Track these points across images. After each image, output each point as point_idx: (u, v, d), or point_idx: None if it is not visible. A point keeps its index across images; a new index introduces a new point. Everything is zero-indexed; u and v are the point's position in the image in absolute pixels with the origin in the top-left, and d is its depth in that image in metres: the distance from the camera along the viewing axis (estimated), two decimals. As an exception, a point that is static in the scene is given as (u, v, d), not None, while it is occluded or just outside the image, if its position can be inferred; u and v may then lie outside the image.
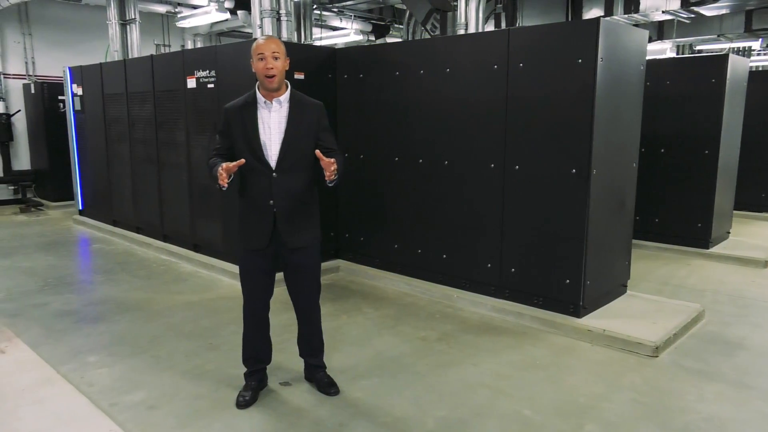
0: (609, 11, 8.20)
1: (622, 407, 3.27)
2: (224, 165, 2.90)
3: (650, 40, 5.39)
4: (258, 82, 3.08)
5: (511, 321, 4.57)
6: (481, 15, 7.32)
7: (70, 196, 9.13)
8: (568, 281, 4.36)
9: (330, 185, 3.05)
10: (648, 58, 4.82)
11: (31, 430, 2.86)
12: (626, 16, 7.99)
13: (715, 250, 6.55)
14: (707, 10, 8.44)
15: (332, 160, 2.94)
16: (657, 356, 3.91)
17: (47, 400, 3.16)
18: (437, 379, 3.59)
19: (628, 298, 4.85)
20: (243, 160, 2.95)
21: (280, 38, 3.73)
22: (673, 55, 11.98)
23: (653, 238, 6.86)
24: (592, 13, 8.51)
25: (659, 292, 5.21)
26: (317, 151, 2.95)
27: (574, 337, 4.22)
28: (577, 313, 4.35)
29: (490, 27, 9.88)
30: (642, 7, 7.77)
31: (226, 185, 2.92)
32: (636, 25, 7.32)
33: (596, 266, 4.41)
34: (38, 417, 2.99)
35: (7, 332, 4.05)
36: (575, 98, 4.17)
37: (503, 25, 9.87)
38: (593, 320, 4.31)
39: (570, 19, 9.85)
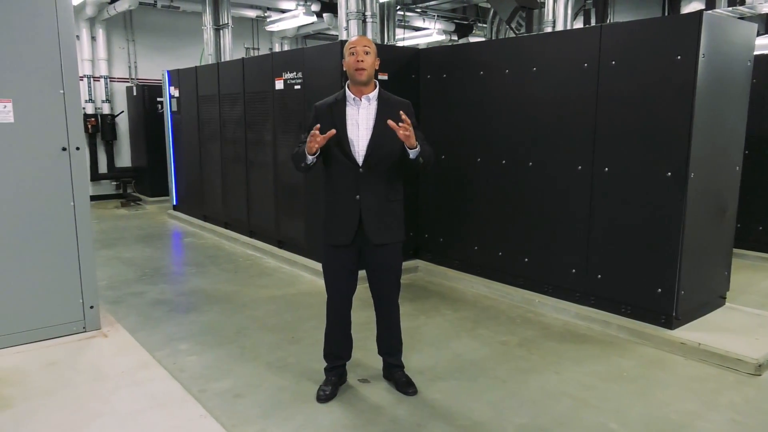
0: (711, 5, 7.69)
1: (718, 427, 3.05)
2: (315, 131, 2.88)
3: (758, 34, 4.98)
4: (348, 81, 3.14)
5: (597, 329, 4.38)
6: (569, 11, 7.08)
7: (166, 192, 9.71)
8: (660, 290, 4.13)
9: (413, 160, 2.97)
10: (756, 53, 4.47)
11: (130, 410, 3.06)
12: (731, 9, 7.46)
13: (828, 262, 6.00)
14: (824, 0, 7.71)
15: (404, 125, 2.83)
16: (759, 375, 3.62)
17: (144, 383, 3.37)
18: (517, 386, 3.51)
19: (726, 310, 4.53)
20: (334, 131, 2.92)
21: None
22: (783, 49, 11.04)
23: (756, 247, 6.36)
24: (691, 6, 8.02)
25: (762, 306, 4.81)
26: (389, 121, 2.86)
27: (666, 349, 3.99)
28: (670, 324, 4.11)
29: (578, 24, 9.55)
30: (748, -2, 7.23)
31: (315, 148, 2.90)
32: (741, 18, 6.81)
33: (692, 275, 4.15)
34: (136, 398, 3.19)
35: (110, 317, 4.36)
36: (673, 97, 3.95)
37: (593, 22, 9.50)
38: (687, 333, 4.06)
39: (667, 14, 9.34)
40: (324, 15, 10.31)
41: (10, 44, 3.61)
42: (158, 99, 10.14)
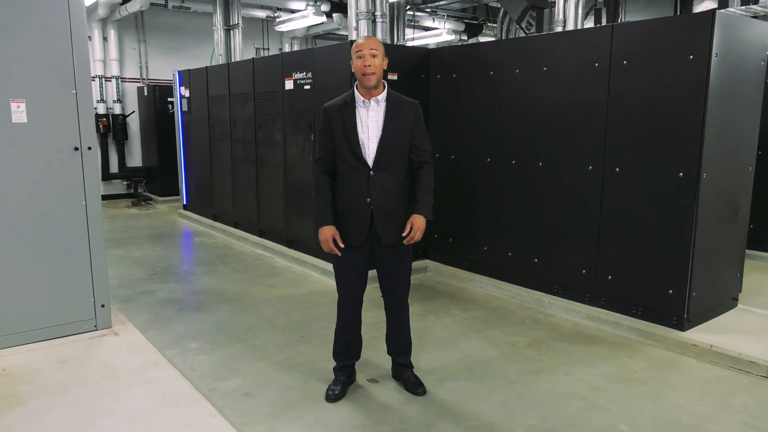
0: (724, 3, 7.61)
1: (730, 430, 3.02)
2: (329, 236, 3.17)
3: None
4: (356, 82, 3.13)
5: (607, 330, 4.36)
6: (580, 11, 7.04)
7: (176, 192, 9.77)
8: (671, 291, 4.10)
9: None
10: (769, 52, 4.43)
11: (140, 409, 3.08)
12: (744, 7, 7.38)
13: (843, 264, 5.93)
14: (840, -2, 7.60)
15: (410, 238, 3.10)
16: (773, 377, 3.59)
17: (154, 382, 3.39)
18: (527, 387, 3.49)
19: (739, 312, 4.49)
20: (340, 252, 3.17)
21: (375, 39, 3.77)
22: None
23: (770, 248, 6.30)
24: (703, 5, 7.94)
25: (776, 308, 4.77)
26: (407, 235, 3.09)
27: (677, 351, 3.96)
28: (681, 325, 4.08)
29: (589, 23, 9.50)
30: (762, -3, 7.16)
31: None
32: (755, 17, 6.74)
33: (704, 277, 4.11)
34: (146, 396, 3.21)
35: (121, 316, 4.39)
36: (685, 96, 3.92)
37: (604, 21, 9.45)
38: (699, 334, 4.03)
39: (679, 13, 9.27)
40: (334, 15, 10.32)
41: (23, 45, 3.64)
42: (169, 99, 10.18)
